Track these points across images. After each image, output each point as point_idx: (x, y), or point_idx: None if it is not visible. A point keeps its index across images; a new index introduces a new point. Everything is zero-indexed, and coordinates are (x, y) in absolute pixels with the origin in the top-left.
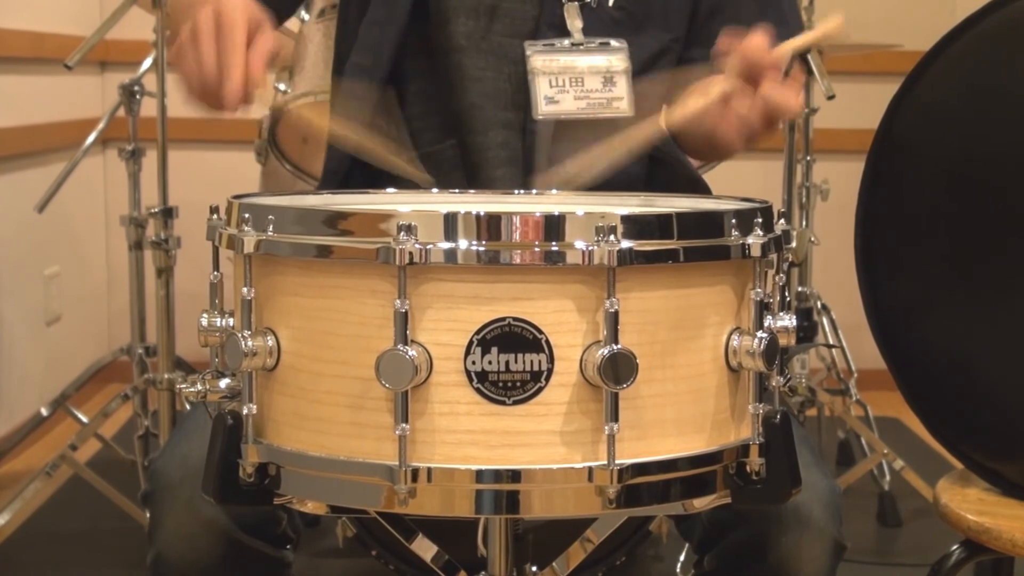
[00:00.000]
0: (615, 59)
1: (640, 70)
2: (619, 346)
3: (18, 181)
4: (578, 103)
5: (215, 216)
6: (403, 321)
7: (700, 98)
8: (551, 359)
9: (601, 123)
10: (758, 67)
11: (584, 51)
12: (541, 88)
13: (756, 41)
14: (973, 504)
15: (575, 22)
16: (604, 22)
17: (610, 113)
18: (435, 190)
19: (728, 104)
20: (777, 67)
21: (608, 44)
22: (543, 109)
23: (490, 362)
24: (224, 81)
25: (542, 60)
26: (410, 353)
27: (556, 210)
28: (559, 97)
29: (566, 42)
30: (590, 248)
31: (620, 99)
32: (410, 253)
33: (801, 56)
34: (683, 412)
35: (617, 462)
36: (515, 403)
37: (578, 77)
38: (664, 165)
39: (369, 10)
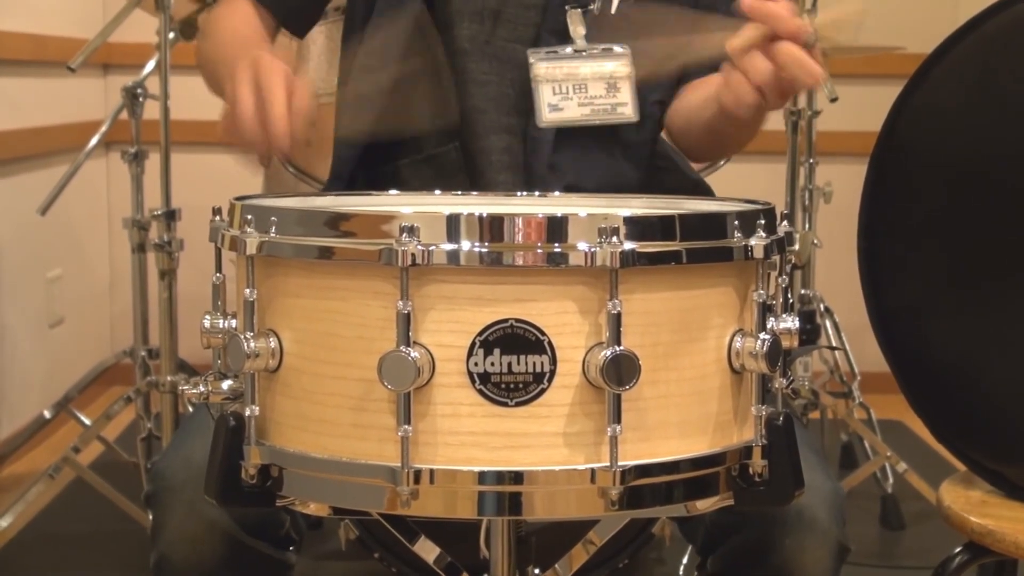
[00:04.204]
0: (618, 65)
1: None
2: (622, 348)
3: (21, 183)
4: (582, 109)
5: (218, 218)
6: (405, 322)
7: (754, 30)
8: (553, 361)
9: (603, 129)
10: (780, 31)
11: (587, 57)
12: (545, 95)
13: (780, 6)
14: (976, 506)
15: (578, 28)
16: (606, 29)
17: (615, 119)
18: (437, 192)
19: (742, 62)
20: (799, 34)
21: (611, 50)
22: (547, 116)
23: (492, 363)
24: (268, 135)
25: (545, 67)
26: (412, 354)
27: (559, 211)
28: (563, 104)
29: (569, 49)
30: (593, 249)
31: (624, 104)
32: (412, 254)
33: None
34: (686, 414)
35: (620, 464)
36: (517, 404)
37: (581, 83)
38: (665, 170)
39: (375, 12)
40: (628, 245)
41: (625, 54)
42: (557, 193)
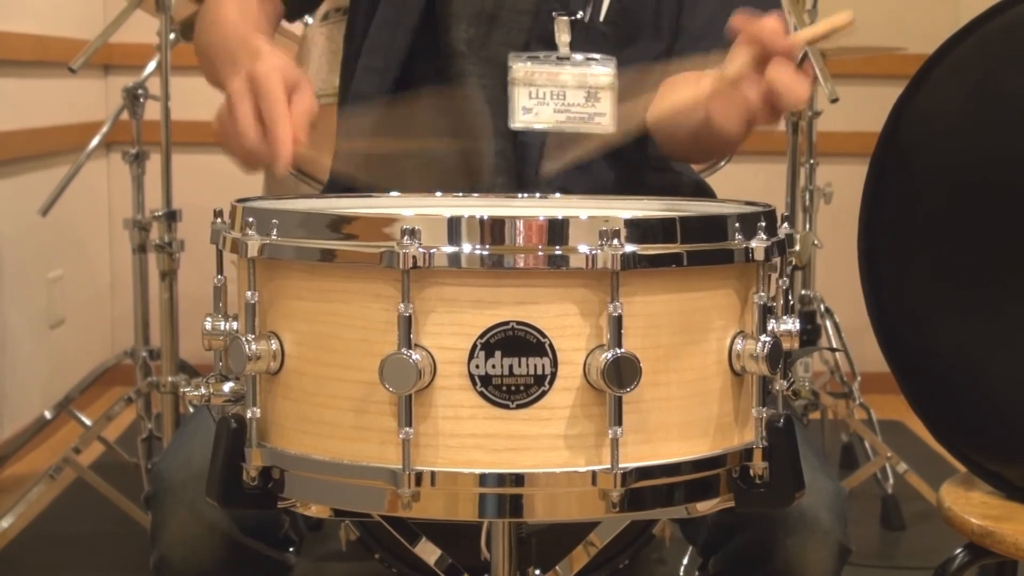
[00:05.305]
0: (601, 75)
1: (631, 82)
2: (623, 350)
3: (22, 184)
4: (557, 116)
5: (219, 220)
6: (407, 325)
7: (690, 91)
8: (555, 363)
9: (592, 138)
10: (771, 51)
11: (569, 65)
12: (519, 98)
13: (771, 24)
14: (977, 507)
15: (563, 36)
16: (595, 37)
17: (591, 128)
18: (439, 193)
19: (735, 87)
20: (790, 53)
21: (595, 59)
22: (519, 119)
23: (494, 366)
24: (271, 149)
25: (524, 71)
26: (414, 357)
27: (559, 214)
28: (537, 109)
29: (552, 56)
30: (594, 252)
31: (603, 115)
32: (414, 257)
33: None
34: (687, 416)
35: (621, 466)
36: (519, 407)
37: (560, 90)
38: (667, 171)
39: (379, 11)
40: (629, 247)
41: (609, 65)
42: (558, 195)
